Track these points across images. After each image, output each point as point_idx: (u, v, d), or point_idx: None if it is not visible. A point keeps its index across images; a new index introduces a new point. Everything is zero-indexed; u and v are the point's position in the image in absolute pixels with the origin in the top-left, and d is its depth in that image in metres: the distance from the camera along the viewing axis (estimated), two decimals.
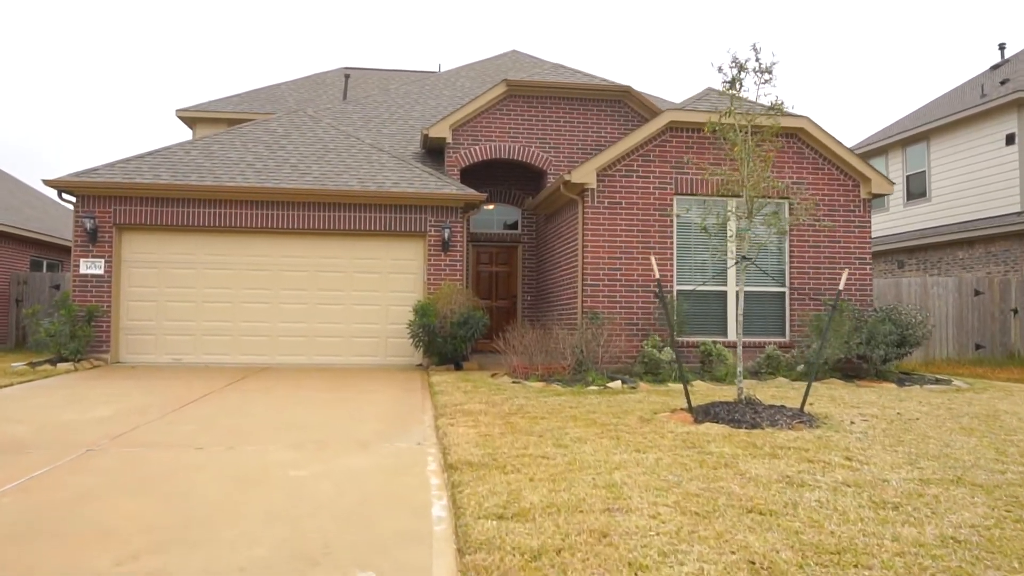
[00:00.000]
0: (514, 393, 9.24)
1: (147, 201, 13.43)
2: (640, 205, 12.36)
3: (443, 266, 13.91)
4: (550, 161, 15.40)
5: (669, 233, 12.41)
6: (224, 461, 5.69)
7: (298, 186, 13.56)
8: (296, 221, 13.70)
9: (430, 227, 13.92)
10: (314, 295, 13.92)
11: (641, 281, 12.27)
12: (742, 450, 5.71)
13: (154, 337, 13.60)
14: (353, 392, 9.92)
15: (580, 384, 10.06)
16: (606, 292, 12.18)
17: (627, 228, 12.30)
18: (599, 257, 12.20)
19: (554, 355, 11.34)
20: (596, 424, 6.88)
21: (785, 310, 12.74)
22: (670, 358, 11.32)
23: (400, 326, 13.62)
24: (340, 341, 13.93)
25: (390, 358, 13.98)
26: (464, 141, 15.27)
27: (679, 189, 12.46)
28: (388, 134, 17.24)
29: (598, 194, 12.25)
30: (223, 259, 13.77)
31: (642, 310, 12.23)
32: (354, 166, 14.52)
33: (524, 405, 8.17)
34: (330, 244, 13.99)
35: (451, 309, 12.89)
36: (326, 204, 13.73)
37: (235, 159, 14.40)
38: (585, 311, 12.11)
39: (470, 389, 9.60)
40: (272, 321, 13.82)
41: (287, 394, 9.59)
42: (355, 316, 13.97)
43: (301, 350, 13.84)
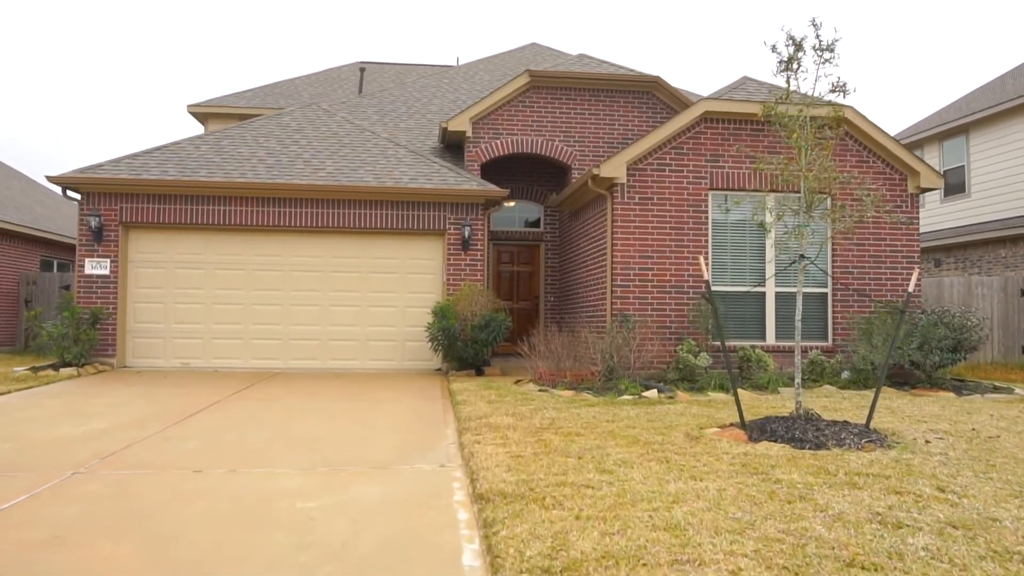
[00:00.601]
0: (542, 403, 8.54)
1: (154, 198, 12.85)
2: (673, 201, 11.61)
3: (463, 266, 13.24)
4: (575, 155, 14.69)
5: (704, 230, 11.66)
6: (224, 488, 5.03)
7: (311, 182, 12.92)
8: (309, 219, 13.07)
9: (449, 225, 13.25)
10: (328, 296, 13.29)
11: (674, 282, 11.53)
12: (814, 477, 4.97)
13: (162, 340, 13.02)
14: (369, 402, 9.26)
15: (612, 393, 9.34)
16: (637, 293, 11.45)
17: (659, 225, 11.56)
18: (629, 256, 11.47)
19: (582, 361, 10.63)
20: (639, 442, 6.17)
21: (828, 312, 11.95)
22: (707, 364, 10.58)
23: (418, 329, 12.96)
24: (355, 345, 13.29)
25: (407, 362, 13.33)
26: (484, 135, 14.58)
27: (714, 183, 11.71)
28: (405, 128, 16.58)
29: (628, 189, 11.53)
30: (233, 259, 13.17)
31: (675, 312, 11.50)
32: (369, 161, 13.87)
33: (555, 418, 7.47)
34: (344, 243, 13.35)
35: (472, 311, 12.21)
36: (340, 201, 13.09)
37: (246, 154, 13.79)
38: (614, 314, 11.39)
39: (494, 399, 8.91)
40: (284, 324, 13.20)
41: (298, 404, 8.94)
42: (371, 318, 13.33)
43: (314, 354, 13.21)
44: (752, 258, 11.82)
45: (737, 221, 11.83)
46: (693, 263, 11.58)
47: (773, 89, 12.24)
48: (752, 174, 11.76)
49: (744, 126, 11.83)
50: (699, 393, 9.47)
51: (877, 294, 11.92)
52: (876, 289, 11.94)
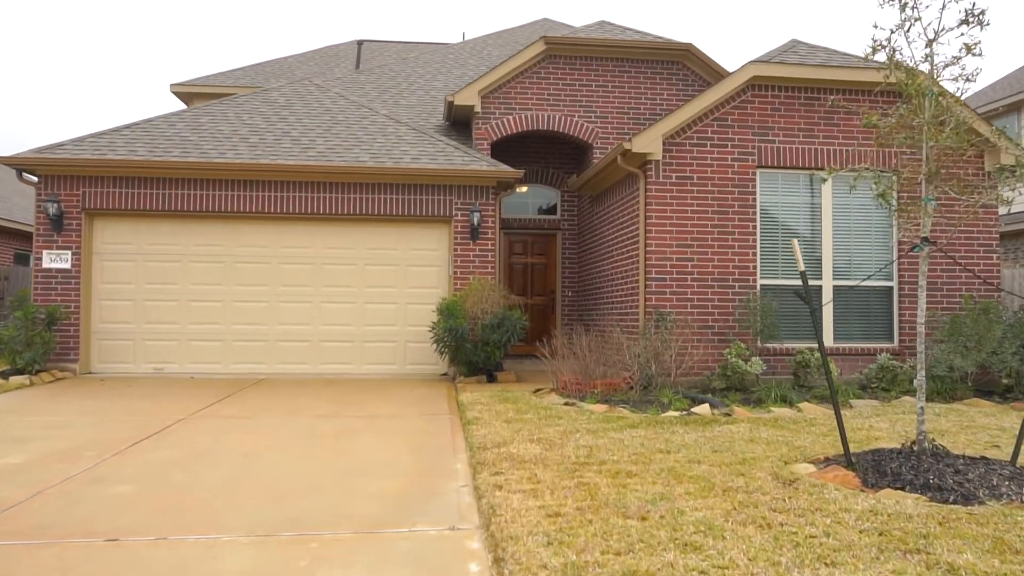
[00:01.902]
0: (572, 422, 6.99)
1: (121, 181, 11.30)
2: (716, 181, 10.02)
3: (472, 257, 11.68)
4: (596, 133, 13.09)
5: (751, 215, 10.07)
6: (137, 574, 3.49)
7: (300, 162, 11.37)
8: (298, 204, 11.51)
9: (456, 211, 11.68)
10: (319, 292, 11.74)
11: (717, 274, 9.95)
12: (999, 559, 3.41)
13: (132, 343, 11.48)
14: (362, 419, 7.71)
15: (654, 408, 7.78)
16: (675, 288, 9.87)
17: (700, 209, 9.97)
18: (666, 244, 9.89)
19: (612, 366, 9.07)
20: (716, 489, 4.60)
21: (892, 309, 10.36)
22: (760, 371, 9.01)
23: (421, 328, 11.41)
24: (350, 347, 11.74)
25: (409, 366, 11.78)
26: (495, 110, 12.99)
27: (763, 160, 10.11)
28: (406, 105, 15.00)
29: (664, 167, 9.94)
30: (212, 250, 11.62)
31: (719, 310, 9.91)
32: (366, 140, 12.30)
33: (593, 446, 5.91)
34: (338, 232, 11.79)
35: (482, 308, 10.67)
36: (333, 184, 11.53)
37: (227, 132, 12.23)
38: (648, 312, 9.81)
39: (512, 415, 7.36)
40: (270, 323, 11.66)
41: (276, 424, 7.40)
42: (368, 317, 11.78)
43: (304, 357, 11.67)
44: (807, 246, 10.23)
45: (789, 204, 10.24)
46: (739, 252, 9.99)
47: (829, 54, 10.64)
48: (807, 150, 10.15)
49: (797, 94, 10.22)
50: (759, 408, 7.89)
51: (950, 288, 10.32)
52: (948, 282, 10.34)
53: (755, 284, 10.00)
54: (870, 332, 10.28)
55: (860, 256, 10.30)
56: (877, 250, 10.37)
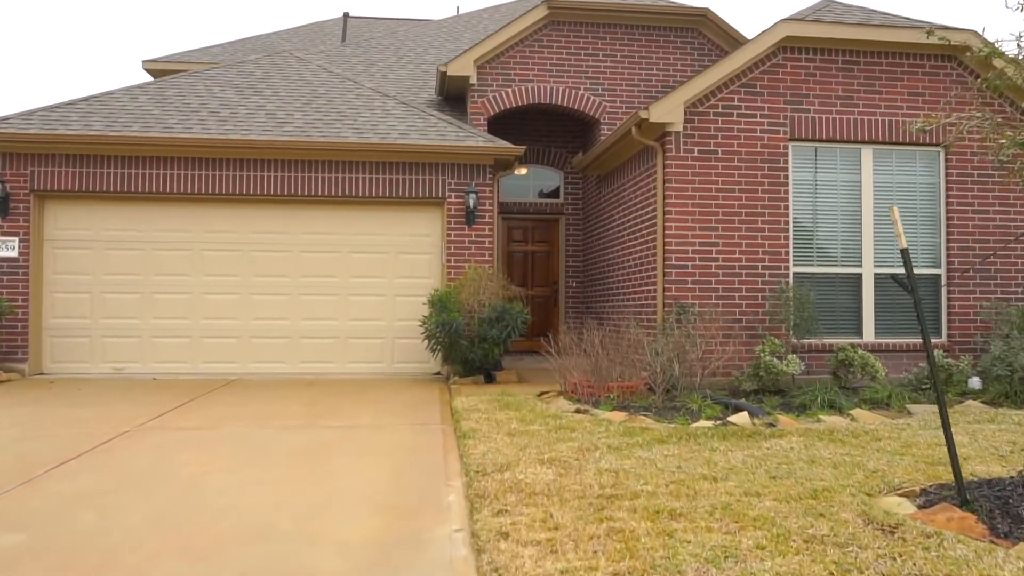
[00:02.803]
0: (588, 435, 5.85)
1: (76, 160, 10.09)
2: (743, 155, 8.87)
3: (467, 243, 10.51)
4: (603, 107, 11.92)
5: (783, 194, 8.92)
6: None
7: (274, 138, 10.17)
8: (273, 185, 10.32)
9: (449, 192, 10.51)
10: (298, 283, 10.56)
11: (745, 261, 8.81)
12: None
13: (88, 340, 10.29)
14: (339, 431, 6.55)
15: (681, 417, 6.64)
16: (697, 276, 8.73)
17: (725, 187, 8.82)
18: (687, 228, 8.74)
19: (628, 366, 7.93)
20: (793, 538, 3.46)
21: (940, 300, 9.23)
22: (798, 371, 7.89)
23: (411, 323, 10.24)
24: (332, 344, 10.57)
25: (398, 365, 10.62)
26: (492, 82, 11.80)
27: (796, 132, 8.96)
28: (395, 80, 13.80)
29: (685, 140, 8.77)
30: (178, 236, 10.43)
31: (747, 302, 8.78)
32: (349, 114, 11.11)
33: (619, 470, 4.77)
34: (318, 216, 10.60)
35: (479, 301, 9.51)
36: (312, 163, 10.34)
37: (195, 106, 11.02)
38: (668, 303, 8.67)
39: (516, 427, 6.22)
40: (243, 318, 10.48)
41: (237, 437, 6.24)
42: (352, 310, 10.61)
43: (281, 356, 10.50)
44: (846, 230, 9.09)
45: (825, 182, 9.10)
46: (770, 236, 8.85)
47: (868, 13, 9.48)
48: (846, 120, 9.01)
49: (834, 57, 9.06)
50: (804, 415, 6.75)
51: (1006, 276, 9.19)
52: (1004, 270, 9.21)
53: (787, 272, 8.86)
54: (914, 326, 9.15)
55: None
56: (923, 233, 9.23)
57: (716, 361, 7.76)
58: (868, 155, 9.11)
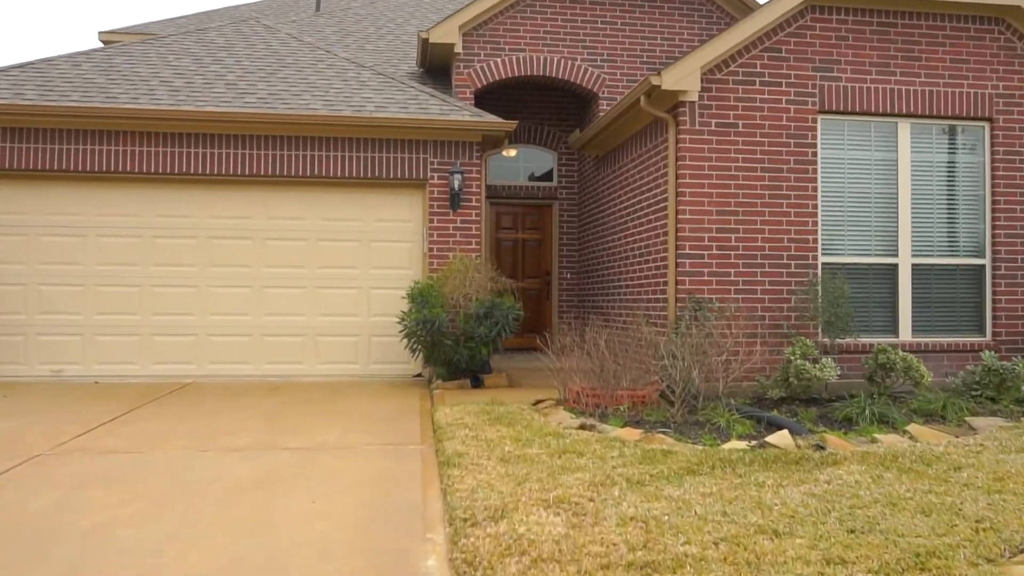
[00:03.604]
0: (600, 462, 4.77)
1: (7, 134, 8.86)
2: (767, 129, 7.79)
3: (451, 230, 9.39)
4: (602, 80, 10.80)
5: (810, 173, 7.85)
6: None
7: (233, 109, 8.98)
8: (232, 164, 9.13)
9: (432, 172, 9.37)
10: (261, 274, 9.40)
11: (768, 249, 7.75)
12: None
13: (22, 338, 9.08)
14: (298, 455, 5.43)
15: (707, 435, 5.58)
16: (715, 268, 7.66)
17: (746, 165, 7.75)
18: (703, 211, 7.66)
19: (641, 371, 6.85)
20: None
21: (984, 293, 8.22)
22: (834, 376, 6.84)
23: (389, 319, 9.12)
24: (300, 342, 9.43)
25: (375, 366, 9.50)
26: (480, 51, 10.64)
27: (826, 104, 7.89)
28: (373, 51, 12.60)
29: (701, 111, 7.68)
30: (125, 221, 9.23)
31: (770, 296, 7.72)
32: (320, 85, 9.92)
33: (647, 518, 3.69)
34: (284, 199, 9.44)
35: (465, 295, 8.42)
36: (277, 139, 9.17)
37: (145, 75, 9.79)
38: (681, 298, 7.59)
39: (511, 450, 5.14)
40: (200, 313, 9.31)
41: (171, 465, 5.11)
42: (322, 305, 9.47)
43: (243, 356, 9.34)
44: (880, 215, 8.05)
45: (857, 161, 8.04)
46: (796, 221, 7.79)
47: None
48: (881, 91, 7.95)
49: (868, 19, 7.98)
50: (852, 432, 5.70)
51: None
52: None
53: (815, 262, 7.81)
54: (955, 323, 8.15)
55: (944, 227, 8.15)
56: (966, 219, 8.21)
57: (741, 366, 6.68)
58: (905, 130, 8.06)
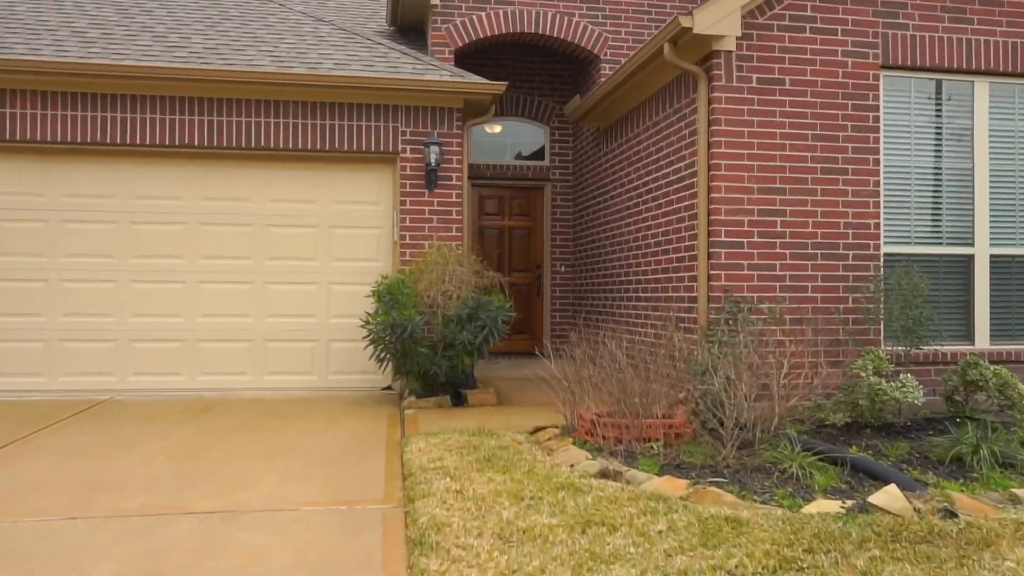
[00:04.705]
0: (642, 541, 3.25)
1: None
2: (819, 87, 6.28)
3: (427, 214, 7.80)
4: (605, 40, 9.25)
5: (872, 143, 6.36)
6: None
7: (159, 64, 7.31)
8: (158, 132, 7.46)
9: (404, 144, 7.77)
10: (196, 267, 7.75)
11: (821, 237, 6.25)
12: None
13: None
14: (202, 527, 3.82)
15: (779, 488, 4.07)
16: (756, 260, 6.15)
17: (794, 132, 6.24)
18: (742, 190, 6.15)
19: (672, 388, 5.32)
20: None
21: None
22: (919, 398, 5.35)
23: (351, 320, 7.49)
24: (245, 349, 7.80)
25: (335, 377, 7.90)
26: (461, 3, 9.03)
27: (890, 57, 6.40)
28: (335, 7, 10.91)
29: (740, 64, 6.15)
30: (26, 202, 7.54)
31: (823, 294, 6.23)
32: (269, 39, 8.27)
33: None
34: (225, 175, 7.79)
35: (444, 292, 6.86)
36: (214, 102, 7.51)
37: (54, 24, 8.08)
38: (715, 297, 6.08)
39: (511, 517, 3.60)
40: (120, 314, 7.64)
41: (15, 545, 3.49)
42: (271, 304, 7.84)
43: (174, 366, 7.69)
44: (952, 196, 6.59)
45: (925, 128, 6.57)
46: (854, 202, 6.30)
47: None
48: (955, 42, 6.47)
49: None
50: (972, 481, 4.21)
51: None
52: None
53: (877, 253, 6.33)
54: None
55: None
56: None
57: (805, 385, 5.16)
58: (983, 91, 6.60)
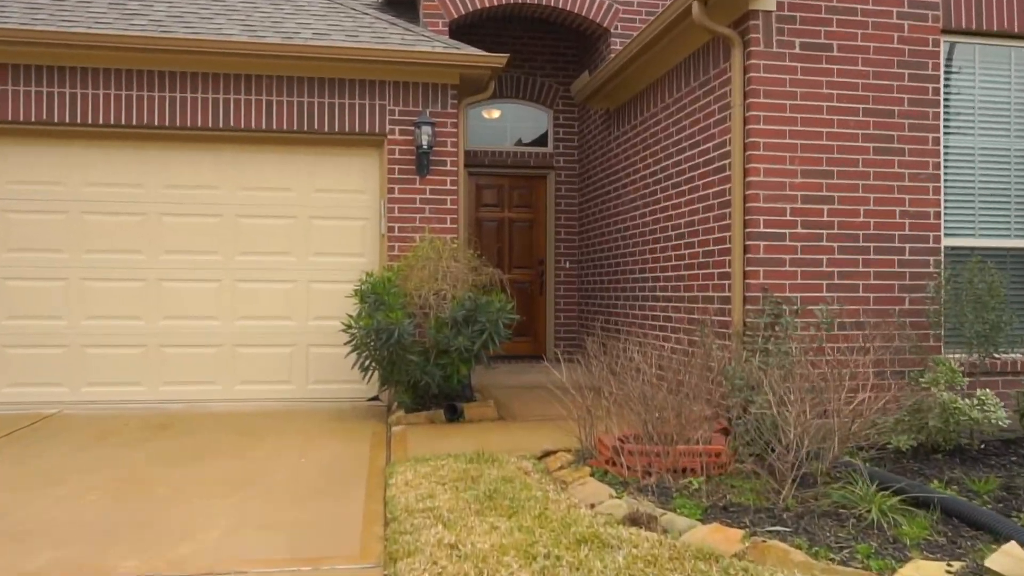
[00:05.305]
0: None
1: None
2: (871, 54, 5.43)
3: (419, 203, 6.93)
4: (615, 12, 8.39)
5: (931, 119, 5.52)
6: None
7: (115, 32, 6.41)
8: (114, 110, 6.57)
9: (392, 125, 6.90)
10: (157, 263, 6.87)
11: (874, 228, 5.40)
12: None
13: None
14: None
15: (856, 539, 3.23)
16: (800, 254, 5.30)
17: (844, 107, 5.38)
18: (784, 172, 5.29)
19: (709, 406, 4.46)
20: None
21: None
22: (1002, 419, 4.50)
23: (333, 322, 6.59)
24: (213, 356, 6.92)
25: (315, 387, 7.04)
26: None
27: (952, 19, 5.55)
28: None
29: (781, 27, 5.30)
30: None
31: (876, 294, 5.38)
32: (241, 8, 7.38)
33: None
34: (188, 159, 6.90)
35: (438, 291, 6.01)
36: (177, 76, 6.63)
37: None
38: (752, 298, 5.23)
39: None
40: (71, 316, 6.76)
41: None
42: (243, 304, 6.97)
43: (133, 375, 6.82)
44: (1022, 181, 5.75)
45: (994, 102, 5.73)
46: (911, 188, 5.45)
47: None
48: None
49: None
50: None
51: None
52: None
53: (937, 246, 5.50)
54: None
55: None
56: None
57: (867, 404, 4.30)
58: None
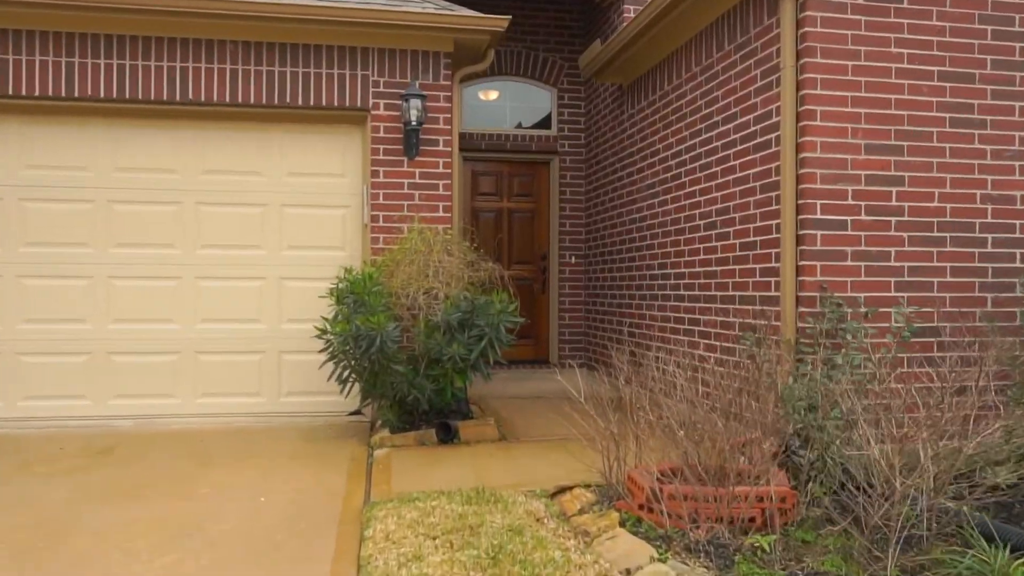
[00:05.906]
0: None
1: None
2: (947, 7, 4.55)
3: (407, 188, 6.02)
4: None
5: (1017, 85, 4.65)
6: None
7: None
8: (52, 80, 5.64)
9: (376, 98, 5.99)
10: (107, 257, 5.95)
11: (950, 215, 4.53)
12: None
13: None
14: None
15: None
16: (863, 246, 4.43)
17: (916, 69, 4.50)
18: (845, 147, 4.41)
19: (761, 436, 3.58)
20: None
21: None
22: None
23: (308, 325, 5.65)
24: (170, 365, 6.00)
25: (288, 399, 6.13)
26: None
27: None
28: None
29: None
30: None
31: (954, 295, 4.52)
32: None
33: None
34: (141, 138, 5.98)
35: (428, 290, 5.13)
36: (126, 40, 5.70)
37: None
38: (806, 299, 4.35)
39: None
40: (4, 320, 5.84)
41: None
42: (205, 305, 6.05)
43: (79, 387, 5.90)
44: None
45: None
46: (993, 167, 4.59)
47: None
48: None
49: None
50: None
51: None
52: None
53: (1022, 237, 4.63)
54: None
55: None
56: None
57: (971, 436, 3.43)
58: None
